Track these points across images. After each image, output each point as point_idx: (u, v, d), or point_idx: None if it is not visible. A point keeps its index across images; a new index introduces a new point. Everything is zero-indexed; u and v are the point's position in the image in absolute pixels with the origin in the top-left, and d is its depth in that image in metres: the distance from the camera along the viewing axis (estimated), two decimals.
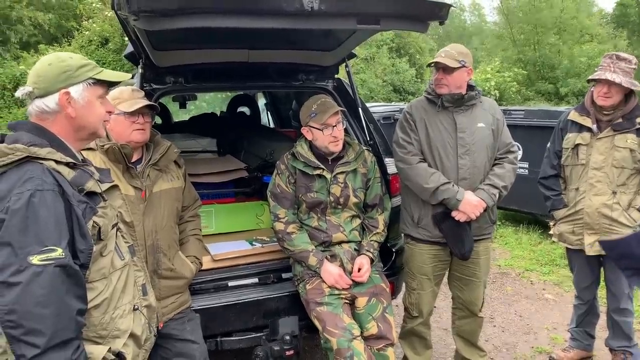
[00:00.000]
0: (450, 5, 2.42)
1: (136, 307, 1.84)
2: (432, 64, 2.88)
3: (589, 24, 21.45)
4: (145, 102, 2.44)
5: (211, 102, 8.71)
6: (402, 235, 3.21)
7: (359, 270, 2.78)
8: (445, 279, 3.18)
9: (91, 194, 1.68)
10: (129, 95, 2.45)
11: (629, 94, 3.10)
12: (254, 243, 3.24)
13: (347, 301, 2.76)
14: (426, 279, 3.03)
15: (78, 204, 1.58)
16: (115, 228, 1.80)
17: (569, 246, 3.31)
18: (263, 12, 2.16)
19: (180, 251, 2.62)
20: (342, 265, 2.80)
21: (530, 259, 5.60)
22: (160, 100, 4.88)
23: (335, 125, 2.76)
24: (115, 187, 1.93)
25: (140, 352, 1.88)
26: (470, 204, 2.77)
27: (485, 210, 2.83)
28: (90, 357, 1.62)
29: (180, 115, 6.38)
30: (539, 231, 6.38)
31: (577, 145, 3.21)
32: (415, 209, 2.97)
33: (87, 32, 16.56)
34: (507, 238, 6.36)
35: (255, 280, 2.99)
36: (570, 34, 20.37)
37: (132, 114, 2.40)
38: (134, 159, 2.48)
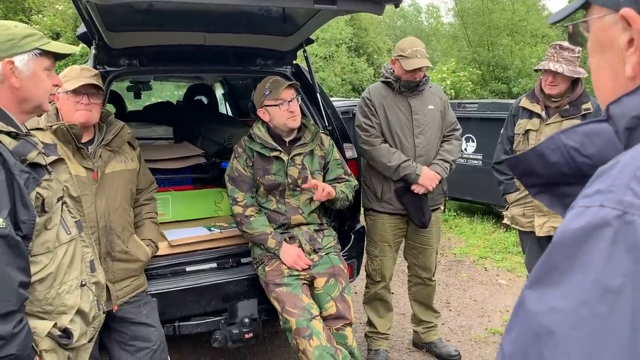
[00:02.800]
0: None
1: (84, 283, 1.80)
2: (418, 68, 3.04)
3: (539, 26, 22.19)
4: (89, 80, 2.33)
5: (170, 97, 8.54)
6: (363, 212, 3.39)
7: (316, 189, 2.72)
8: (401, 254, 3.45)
9: (35, 166, 1.63)
10: (76, 73, 2.37)
11: (575, 81, 3.22)
12: (212, 229, 3.21)
13: (306, 282, 2.78)
14: (387, 245, 3.31)
15: (20, 173, 1.54)
16: (60, 202, 1.75)
17: (521, 228, 3.42)
18: None
19: (135, 234, 2.58)
20: (301, 247, 2.81)
21: (485, 247, 5.76)
22: (113, 89, 4.79)
23: (291, 100, 2.77)
24: (61, 160, 1.88)
25: (89, 330, 1.84)
26: (428, 177, 3.09)
27: (440, 182, 3.16)
28: (35, 332, 1.57)
29: (136, 105, 6.24)
30: (493, 221, 6.57)
31: (527, 131, 3.33)
32: (378, 185, 3.23)
33: (36, 27, 16.00)
34: (462, 228, 6.52)
35: (214, 265, 2.97)
36: (522, 35, 21.03)
37: (75, 92, 2.31)
38: (86, 139, 2.42)
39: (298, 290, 2.69)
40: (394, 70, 3.19)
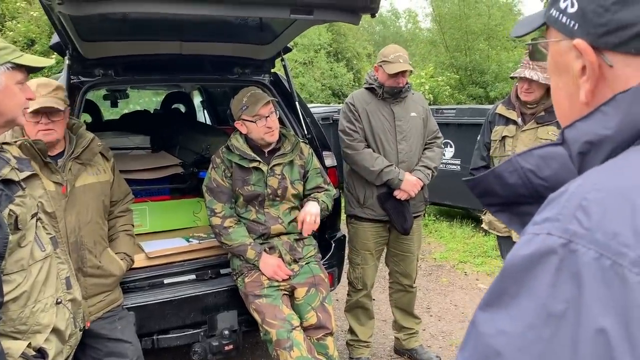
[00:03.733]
0: None
1: (59, 300, 1.76)
2: (399, 72, 3.12)
3: None
4: (45, 102, 2.20)
5: (148, 105, 8.45)
6: (345, 219, 3.42)
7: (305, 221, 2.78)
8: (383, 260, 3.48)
9: (8, 182, 1.59)
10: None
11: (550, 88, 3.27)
12: (190, 240, 3.18)
13: (286, 292, 2.76)
14: (369, 254, 3.33)
15: None
16: (35, 218, 1.71)
17: (498, 233, 3.45)
18: None
19: (109, 248, 2.53)
20: (281, 257, 2.80)
21: (464, 252, 5.80)
22: (89, 98, 4.72)
23: (269, 116, 2.76)
24: (35, 176, 1.84)
25: (65, 348, 1.80)
26: (410, 183, 3.13)
27: (421, 188, 3.20)
28: (8, 353, 1.54)
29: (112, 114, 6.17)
30: (472, 225, 6.62)
31: (504, 137, 3.36)
32: (361, 191, 3.25)
33: (11, 33, 15.71)
34: (442, 232, 6.56)
35: (193, 276, 2.94)
36: (498, 40, 21.31)
37: (34, 113, 2.20)
38: (56, 152, 2.36)
39: (278, 301, 2.67)
40: (377, 77, 3.23)
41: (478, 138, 3.58)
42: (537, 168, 0.73)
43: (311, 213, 2.78)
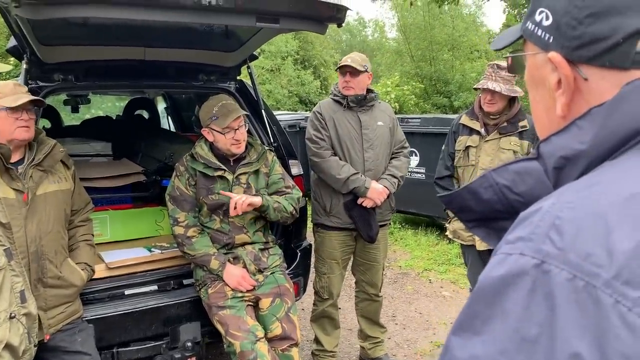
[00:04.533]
0: (347, 8, 2.49)
1: (13, 315, 1.69)
2: (339, 68, 3.21)
3: (479, 42, 23.05)
4: (30, 97, 2.27)
5: (112, 110, 8.25)
6: (312, 228, 3.40)
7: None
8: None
9: None
10: (11, 89, 2.26)
11: (512, 99, 3.34)
12: (152, 249, 3.11)
13: (250, 303, 2.72)
14: (335, 263, 3.32)
15: None
16: None
17: (463, 242, 3.50)
18: (158, 5, 2.09)
19: (69, 258, 2.45)
20: (245, 267, 2.76)
21: (429, 259, 5.86)
22: (48, 103, 4.59)
23: (238, 129, 2.72)
24: None
25: None
26: (376, 191, 3.13)
27: (388, 197, 3.20)
28: None
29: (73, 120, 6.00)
30: (436, 233, 6.70)
31: (467, 147, 3.41)
32: (327, 199, 3.24)
33: None
34: (407, 240, 6.62)
35: (154, 287, 2.87)
36: (462, 50, 21.77)
37: (15, 109, 2.22)
38: (15, 159, 2.29)
39: (242, 312, 2.63)
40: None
41: (442, 148, 3.63)
42: (513, 183, 0.72)
43: (245, 196, 2.67)
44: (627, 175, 0.57)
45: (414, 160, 6.57)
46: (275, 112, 10.83)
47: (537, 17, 0.69)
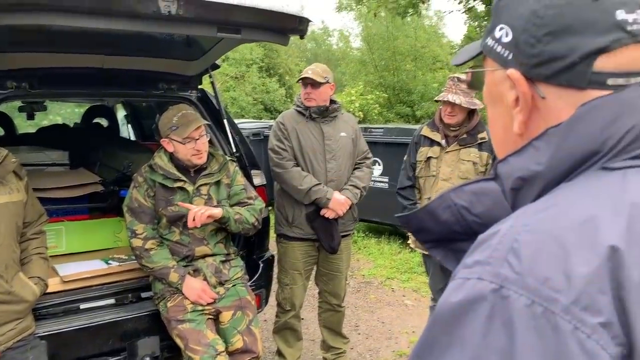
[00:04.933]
0: (309, 20, 2.49)
1: None
2: (300, 80, 3.23)
3: (440, 53, 23.50)
4: None
5: (70, 117, 8.01)
6: (275, 238, 3.37)
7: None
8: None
9: None
10: None
11: (472, 111, 3.41)
12: (110, 262, 3.03)
13: (210, 316, 2.68)
14: (298, 274, 3.31)
15: None
16: None
17: (424, 251, 3.54)
18: (115, 13, 2.05)
19: (21, 272, 2.36)
20: (205, 280, 2.71)
21: (392, 268, 5.90)
22: (1, 110, 4.42)
23: (199, 139, 2.68)
24: None
25: None
26: (338, 202, 3.15)
27: (350, 207, 3.22)
28: None
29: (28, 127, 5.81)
30: (399, 241, 6.77)
31: (429, 158, 3.46)
32: (290, 210, 3.24)
33: None
34: (370, 249, 6.65)
35: (112, 300, 2.79)
36: (424, 61, 22.14)
37: None
38: None
39: (202, 325, 2.59)
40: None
41: (404, 158, 3.67)
42: (470, 204, 0.71)
43: (203, 207, 2.61)
44: (583, 197, 0.57)
45: (377, 170, 6.62)
46: (239, 120, 10.73)
47: (497, 34, 0.69)
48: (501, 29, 0.69)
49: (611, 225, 0.53)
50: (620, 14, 0.61)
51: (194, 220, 2.57)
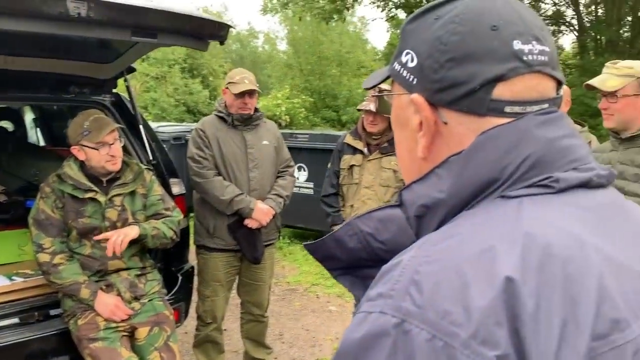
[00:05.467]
0: (229, 26, 2.44)
1: None
2: (240, 93, 3.06)
3: (365, 59, 24.02)
4: None
5: None
6: (195, 248, 3.26)
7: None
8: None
9: None
10: None
11: None
12: (13, 277, 2.81)
13: (125, 333, 2.54)
14: (219, 285, 3.22)
15: None
16: None
17: None
18: (18, 13, 1.90)
19: None
20: (120, 295, 2.58)
21: (316, 274, 5.91)
22: None
23: (113, 143, 2.55)
24: None
25: None
26: (261, 212, 3.09)
27: (273, 217, 3.17)
28: None
29: None
30: None
31: (352, 166, 3.49)
32: (211, 221, 3.14)
33: None
34: (295, 255, 6.64)
35: (16, 320, 2.59)
36: (349, 67, 22.55)
37: None
38: None
39: (116, 343, 2.45)
40: (225, 103, 3.18)
41: (328, 166, 3.68)
42: (376, 231, 0.71)
43: (120, 233, 2.48)
44: (481, 227, 0.58)
45: (303, 176, 6.63)
46: (160, 123, 10.36)
47: (404, 58, 0.70)
48: (407, 53, 0.69)
49: (507, 256, 0.53)
50: (517, 44, 0.62)
51: (114, 250, 2.44)
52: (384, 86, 3.54)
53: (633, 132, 2.27)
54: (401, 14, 16.78)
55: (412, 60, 0.68)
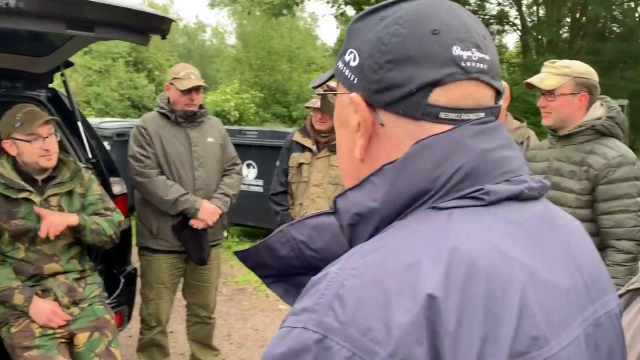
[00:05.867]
0: (172, 20, 2.36)
1: None
2: (190, 88, 2.95)
3: (315, 55, 24.05)
4: None
5: None
6: (138, 249, 3.15)
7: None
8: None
9: None
10: None
11: None
12: None
13: (63, 340, 2.43)
14: (164, 287, 3.13)
15: None
16: None
17: None
18: None
19: None
20: (57, 300, 2.46)
21: None
22: None
23: (47, 137, 2.43)
24: None
25: None
26: (207, 211, 3.01)
27: (220, 216, 3.09)
28: None
29: None
30: None
31: (300, 164, 3.47)
32: (154, 221, 3.04)
33: None
34: None
35: None
36: (299, 62, 22.51)
37: None
38: None
39: (53, 351, 2.34)
40: (169, 99, 3.07)
41: (277, 164, 3.65)
42: (309, 239, 0.70)
43: (58, 214, 2.40)
44: (409, 240, 0.57)
45: (252, 173, 6.56)
46: (102, 119, 10.01)
47: (347, 57, 0.69)
48: (350, 52, 0.68)
49: (431, 273, 0.52)
50: (456, 50, 0.62)
51: (48, 232, 2.31)
52: (332, 84, 3.55)
53: (569, 129, 2.35)
54: (350, 11, 16.91)
55: (355, 60, 0.67)
